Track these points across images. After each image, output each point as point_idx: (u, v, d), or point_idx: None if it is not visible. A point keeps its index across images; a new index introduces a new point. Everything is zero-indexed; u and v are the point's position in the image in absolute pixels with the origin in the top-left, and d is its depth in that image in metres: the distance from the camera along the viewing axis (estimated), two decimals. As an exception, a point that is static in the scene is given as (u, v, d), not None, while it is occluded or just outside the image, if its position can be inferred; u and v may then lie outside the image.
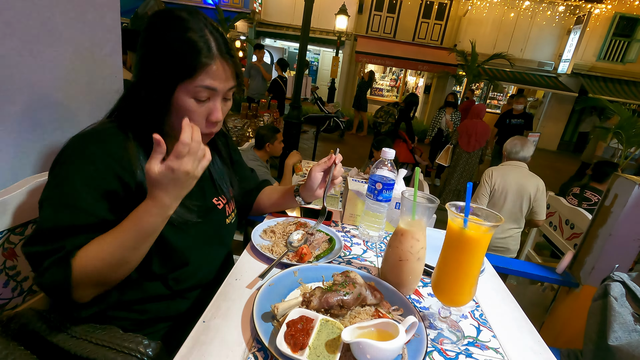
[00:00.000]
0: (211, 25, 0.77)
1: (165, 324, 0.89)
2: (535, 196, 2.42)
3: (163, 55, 0.74)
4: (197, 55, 0.73)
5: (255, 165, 2.69)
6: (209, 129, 0.82)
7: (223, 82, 0.78)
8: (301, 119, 4.38)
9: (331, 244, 1.00)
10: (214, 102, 0.79)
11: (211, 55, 0.74)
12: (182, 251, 0.85)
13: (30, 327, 0.75)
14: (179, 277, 0.87)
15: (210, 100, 0.79)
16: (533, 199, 2.43)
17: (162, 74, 0.75)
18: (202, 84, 0.75)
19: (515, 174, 2.49)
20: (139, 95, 0.79)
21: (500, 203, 2.49)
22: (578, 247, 1.38)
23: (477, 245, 0.67)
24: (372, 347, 0.57)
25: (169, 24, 0.75)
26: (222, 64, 0.76)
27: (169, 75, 0.74)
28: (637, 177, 1.21)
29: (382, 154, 1.03)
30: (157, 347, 0.74)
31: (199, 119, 0.79)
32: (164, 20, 0.76)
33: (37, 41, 0.94)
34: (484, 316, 0.82)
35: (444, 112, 5.98)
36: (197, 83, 0.75)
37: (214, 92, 0.78)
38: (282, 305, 0.66)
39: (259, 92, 6.91)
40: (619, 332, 0.93)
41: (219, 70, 0.76)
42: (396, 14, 12.12)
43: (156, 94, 0.76)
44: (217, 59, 0.75)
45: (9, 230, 0.87)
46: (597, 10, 10.97)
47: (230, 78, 0.79)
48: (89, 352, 0.70)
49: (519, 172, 2.50)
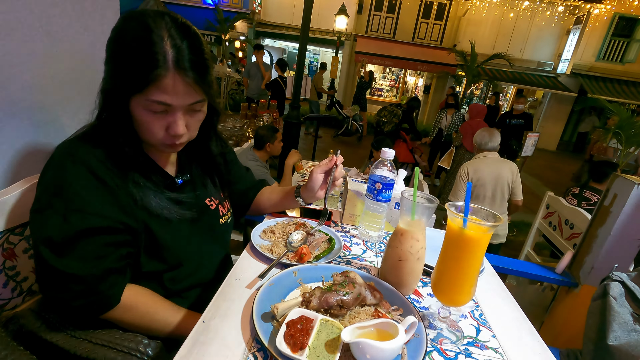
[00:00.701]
0: (177, 35, 0.69)
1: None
2: (512, 179, 2.64)
3: (117, 64, 0.70)
4: (148, 67, 0.66)
5: (255, 165, 2.68)
6: (170, 141, 0.77)
7: (180, 97, 0.71)
8: (300, 119, 4.38)
9: (331, 244, 1.00)
10: (172, 115, 0.73)
11: (165, 67, 0.67)
12: (174, 249, 0.84)
13: (30, 327, 0.75)
14: (175, 277, 0.86)
15: (168, 112, 0.73)
16: (512, 183, 2.64)
17: (116, 84, 0.71)
18: (153, 99, 0.69)
19: (488, 164, 2.69)
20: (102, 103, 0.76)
21: (482, 194, 2.67)
22: (577, 247, 1.38)
23: (477, 245, 0.67)
24: (372, 347, 0.57)
25: (128, 30, 0.69)
26: (179, 78, 0.69)
27: (121, 86, 0.70)
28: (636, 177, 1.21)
29: (382, 154, 1.03)
30: (157, 347, 0.74)
31: (158, 131, 0.75)
32: (126, 24, 0.70)
33: (36, 42, 0.94)
34: (483, 316, 0.82)
35: (445, 112, 5.98)
36: (148, 97, 0.69)
37: (169, 106, 0.71)
38: (282, 306, 0.66)
39: (259, 92, 6.91)
40: (619, 331, 0.93)
41: (174, 84, 0.69)
42: (396, 14, 12.13)
43: (112, 104, 0.74)
44: (171, 73, 0.68)
45: (9, 230, 0.87)
46: (597, 10, 10.98)
47: (190, 93, 0.72)
48: (89, 352, 0.70)
49: (491, 161, 2.70)
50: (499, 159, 2.72)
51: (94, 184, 0.72)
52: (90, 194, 0.71)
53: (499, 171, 2.65)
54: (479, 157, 2.79)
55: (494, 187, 2.66)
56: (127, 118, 0.74)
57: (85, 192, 0.71)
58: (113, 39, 0.71)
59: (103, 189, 0.73)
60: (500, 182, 2.64)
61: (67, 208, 0.69)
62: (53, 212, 0.69)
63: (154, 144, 0.79)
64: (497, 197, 2.67)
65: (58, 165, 0.72)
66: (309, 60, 14.92)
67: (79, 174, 0.71)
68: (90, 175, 0.72)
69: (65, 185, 0.70)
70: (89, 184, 0.72)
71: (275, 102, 5.69)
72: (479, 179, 2.67)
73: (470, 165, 2.76)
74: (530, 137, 4.03)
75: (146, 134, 0.76)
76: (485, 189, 2.65)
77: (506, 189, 2.66)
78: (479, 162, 2.75)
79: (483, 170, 2.67)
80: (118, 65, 0.70)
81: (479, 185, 2.69)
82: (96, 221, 0.71)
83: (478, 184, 2.68)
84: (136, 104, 0.71)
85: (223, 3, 11.65)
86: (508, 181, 2.64)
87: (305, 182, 1.08)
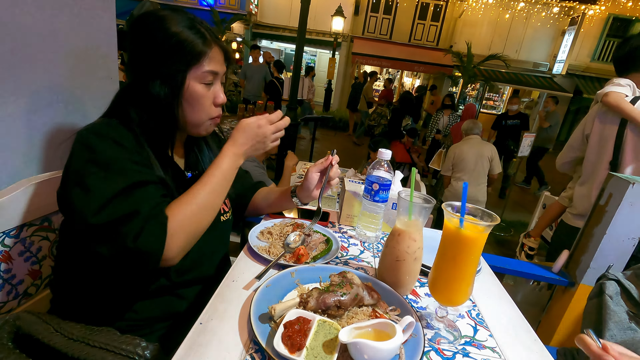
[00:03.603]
0: (196, 19, 0.85)
1: (163, 324, 0.89)
2: (491, 156, 3.50)
3: (167, 49, 0.80)
4: (198, 43, 0.81)
5: (252, 166, 2.68)
6: (217, 112, 0.90)
7: (221, 65, 0.87)
8: (298, 120, 4.38)
9: (328, 245, 1.00)
10: (216, 85, 0.88)
11: (208, 42, 0.83)
12: None
13: (27, 330, 0.74)
14: (179, 269, 0.87)
15: (213, 84, 0.87)
16: (491, 159, 3.49)
17: (172, 65, 0.81)
18: (208, 69, 0.83)
19: (472, 145, 3.53)
20: (145, 93, 0.81)
21: (467, 167, 3.48)
22: (573, 246, 1.39)
23: (474, 245, 0.67)
24: (370, 347, 0.57)
25: (161, 22, 0.80)
26: (218, 49, 0.85)
27: (179, 65, 0.81)
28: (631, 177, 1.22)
29: (379, 154, 1.03)
30: (155, 349, 0.73)
31: (208, 104, 0.87)
32: (155, 19, 0.81)
33: (32, 43, 0.94)
34: (480, 315, 0.82)
35: (442, 113, 6.00)
36: (204, 68, 0.83)
37: (216, 75, 0.86)
38: (280, 307, 0.66)
39: (255, 93, 6.90)
40: (614, 330, 0.94)
41: (217, 55, 0.85)
42: (392, 16, 12.17)
43: (169, 86, 0.81)
44: (213, 45, 0.84)
45: (4, 233, 0.87)
46: (591, 11, 11.07)
47: (223, 62, 0.88)
48: (87, 355, 0.69)
49: (474, 143, 3.54)
50: (480, 141, 3.56)
51: (128, 156, 0.75)
52: (127, 162, 0.74)
53: (480, 150, 3.47)
54: (465, 140, 3.62)
55: (476, 162, 3.47)
56: (176, 103, 0.83)
57: (121, 160, 0.74)
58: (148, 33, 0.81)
59: (138, 157, 0.77)
60: (481, 159, 3.47)
61: (105, 173, 0.72)
62: (94, 179, 0.71)
63: (201, 123, 0.89)
64: (479, 170, 3.50)
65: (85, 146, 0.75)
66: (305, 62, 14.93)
67: (110, 148, 0.75)
68: (117, 145, 0.75)
69: (99, 156, 0.73)
70: (123, 154, 0.75)
71: (273, 103, 5.69)
72: (459, 156, 3.51)
73: (456, 147, 3.58)
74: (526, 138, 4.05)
75: (199, 110, 0.86)
76: (470, 163, 3.49)
77: (486, 164, 3.49)
78: (464, 143, 3.58)
79: (468, 150, 3.49)
80: (169, 51, 0.80)
81: (459, 160, 3.49)
82: (141, 176, 0.74)
83: (458, 160, 3.49)
84: (193, 80, 0.83)
85: (219, 4, 11.64)
86: (487, 157, 3.46)
87: (301, 182, 1.08)
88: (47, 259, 1.00)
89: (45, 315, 0.78)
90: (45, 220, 0.98)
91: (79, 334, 0.74)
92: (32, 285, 0.96)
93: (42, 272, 0.99)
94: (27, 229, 0.93)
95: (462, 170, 3.51)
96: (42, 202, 0.95)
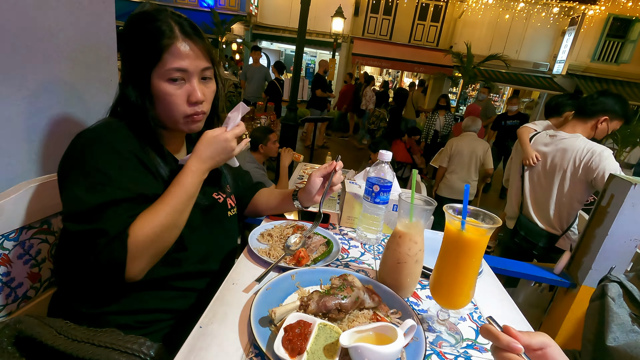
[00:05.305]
0: (176, 15, 0.82)
1: (165, 323, 0.88)
2: (484, 153, 3.71)
3: (133, 48, 0.80)
4: (159, 38, 0.77)
5: (252, 167, 2.68)
6: (192, 109, 0.84)
7: (192, 61, 0.81)
8: (298, 121, 4.38)
9: (329, 247, 1.00)
10: (189, 83, 0.82)
11: (173, 36, 0.78)
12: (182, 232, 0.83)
13: (29, 333, 0.74)
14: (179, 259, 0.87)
15: (185, 81, 0.82)
16: (483, 156, 3.71)
17: (136, 65, 0.80)
18: (171, 66, 0.78)
19: (467, 141, 3.75)
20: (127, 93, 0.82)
21: (462, 161, 3.72)
22: (575, 247, 1.39)
23: (475, 247, 0.67)
24: (371, 351, 0.57)
25: (137, 21, 0.80)
26: (187, 44, 0.80)
27: (141, 64, 0.79)
28: (632, 178, 1.22)
29: (379, 156, 1.02)
30: (159, 348, 0.74)
31: (180, 102, 0.82)
32: (134, 19, 0.81)
33: (32, 45, 0.93)
34: (482, 318, 0.81)
35: (437, 114, 6.01)
36: (166, 66, 0.78)
37: (185, 72, 0.81)
38: (280, 310, 0.66)
39: (256, 94, 6.89)
40: (617, 332, 0.93)
41: (185, 49, 0.79)
42: (392, 16, 12.17)
43: (137, 87, 0.81)
44: (179, 39, 0.79)
45: (3, 235, 0.86)
46: (591, 11, 11.06)
47: (200, 57, 0.82)
48: (91, 354, 0.69)
49: (470, 139, 3.77)
50: (475, 138, 3.79)
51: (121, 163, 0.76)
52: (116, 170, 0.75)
53: (474, 147, 3.73)
54: (463, 135, 3.84)
55: (470, 157, 3.72)
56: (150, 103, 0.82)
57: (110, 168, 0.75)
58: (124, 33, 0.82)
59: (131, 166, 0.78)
60: (474, 154, 3.72)
61: (90, 183, 0.73)
62: (76, 187, 0.73)
63: (177, 121, 0.85)
64: (472, 164, 3.74)
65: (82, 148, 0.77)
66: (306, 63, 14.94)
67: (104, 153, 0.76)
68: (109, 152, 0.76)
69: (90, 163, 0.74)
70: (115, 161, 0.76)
71: (273, 104, 5.68)
72: (456, 149, 3.75)
73: (454, 140, 3.82)
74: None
75: (170, 109, 0.83)
76: (464, 157, 3.74)
77: (478, 160, 3.74)
78: (461, 139, 3.80)
79: (463, 146, 3.73)
80: (134, 50, 0.80)
81: (455, 153, 3.74)
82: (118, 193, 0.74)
83: (455, 153, 3.75)
84: (157, 78, 0.79)
85: (220, 6, 11.65)
86: (480, 154, 3.72)
87: (304, 185, 1.07)
88: (46, 261, 1.00)
89: (46, 318, 0.78)
90: (44, 223, 0.97)
91: (83, 335, 0.74)
92: (31, 288, 0.96)
93: (42, 274, 0.99)
94: (27, 232, 0.92)
95: (457, 164, 3.73)
96: (42, 204, 0.94)
